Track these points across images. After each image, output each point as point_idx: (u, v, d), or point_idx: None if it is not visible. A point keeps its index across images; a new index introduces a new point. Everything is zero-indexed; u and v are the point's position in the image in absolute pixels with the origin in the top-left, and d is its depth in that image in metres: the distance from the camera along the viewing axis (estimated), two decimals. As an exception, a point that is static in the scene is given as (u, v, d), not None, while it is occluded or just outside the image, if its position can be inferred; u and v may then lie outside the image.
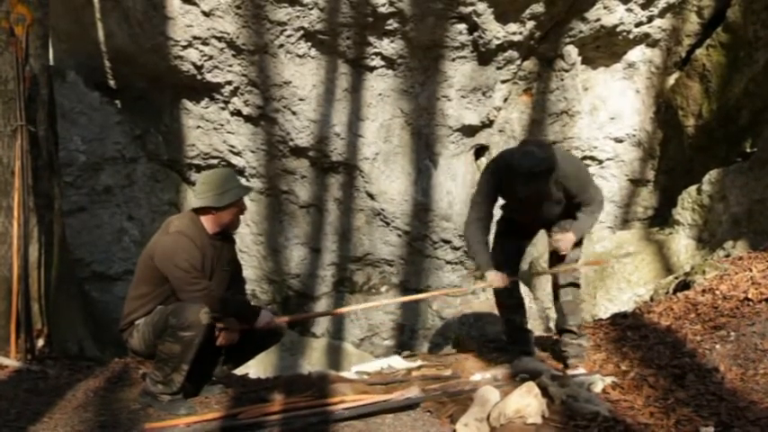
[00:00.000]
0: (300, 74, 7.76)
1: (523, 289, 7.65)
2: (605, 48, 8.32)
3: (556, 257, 5.10)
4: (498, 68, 8.00)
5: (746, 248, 6.73)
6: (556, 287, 5.13)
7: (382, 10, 7.40)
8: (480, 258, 4.94)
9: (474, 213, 4.96)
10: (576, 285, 5.14)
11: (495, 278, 4.89)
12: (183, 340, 4.17)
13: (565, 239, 4.88)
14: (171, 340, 4.18)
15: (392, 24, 7.56)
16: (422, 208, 8.29)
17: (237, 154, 8.28)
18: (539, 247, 7.92)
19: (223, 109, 8.07)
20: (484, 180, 4.98)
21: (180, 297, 4.27)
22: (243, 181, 4.65)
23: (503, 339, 5.70)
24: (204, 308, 4.18)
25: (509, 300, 5.31)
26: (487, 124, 8.28)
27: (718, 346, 4.73)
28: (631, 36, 8.20)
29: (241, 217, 4.58)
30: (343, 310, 8.17)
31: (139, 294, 4.38)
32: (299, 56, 7.70)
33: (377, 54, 7.78)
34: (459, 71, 7.90)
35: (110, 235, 8.16)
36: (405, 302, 8.53)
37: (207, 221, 4.41)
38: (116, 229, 8.19)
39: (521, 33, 7.77)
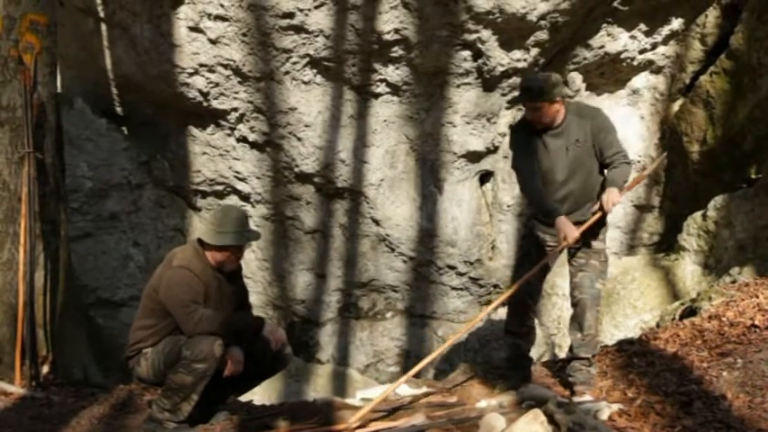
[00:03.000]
0: (306, 100, 7.81)
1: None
2: (609, 74, 8.36)
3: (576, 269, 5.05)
4: (503, 95, 8.04)
5: (753, 275, 6.70)
6: (578, 316, 5.05)
7: (387, 37, 7.46)
8: (548, 205, 4.85)
9: (524, 174, 4.98)
10: (599, 319, 5.09)
11: (567, 227, 4.73)
12: (196, 372, 4.16)
13: (611, 196, 4.80)
14: (183, 372, 4.16)
15: (397, 51, 7.61)
16: (427, 234, 8.29)
17: (243, 180, 8.31)
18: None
19: (229, 135, 8.11)
20: (513, 141, 5.14)
21: (182, 330, 4.25)
22: (253, 226, 4.62)
23: (506, 366, 5.67)
24: (218, 340, 4.18)
25: (520, 328, 5.28)
26: (492, 150, 8.30)
27: (725, 374, 4.70)
28: (635, 63, 8.23)
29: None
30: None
31: (146, 325, 4.37)
32: (305, 83, 7.74)
33: (382, 81, 7.83)
34: (463, 97, 7.94)
35: (115, 261, 8.17)
36: (411, 328, 8.54)
37: (207, 253, 4.41)
38: (122, 255, 8.21)
39: (525, 60, 7.81)
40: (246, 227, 4.47)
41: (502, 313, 7.89)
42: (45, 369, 5.35)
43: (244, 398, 5.34)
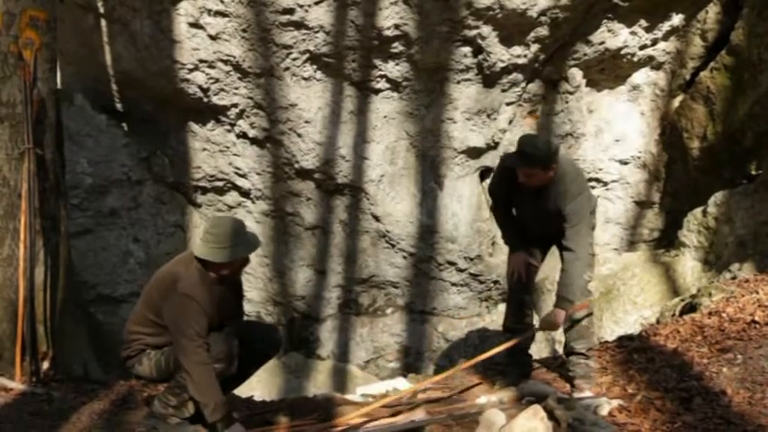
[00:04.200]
0: (306, 96, 7.80)
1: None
2: (610, 70, 8.35)
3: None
4: (503, 91, 8.03)
5: (753, 271, 6.70)
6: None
7: (388, 33, 7.45)
8: (508, 239, 5.37)
9: (495, 204, 5.38)
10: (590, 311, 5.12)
11: (514, 259, 5.26)
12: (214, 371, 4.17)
13: (556, 319, 4.89)
14: None
15: (397, 47, 7.60)
16: (427, 230, 8.29)
17: (243, 176, 8.31)
18: (544, 270, 7.88)
19: (229, 131, 8.11)
20: (497, 172, 5.27)
21: (178, 356, 4.23)
22: (251, 233, 4.45)
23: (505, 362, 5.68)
24: (235, 340, 4.19)
25: (517, 324, 5.30)
26: (492, 146, 8.30)
27: (725, 370, 4.71)
28: (636, 59, 8.23)
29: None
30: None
31: (149, 332, 4.35)
32: (305, 78, 7.74)
33: (382, 77, 7.82)
34: (464, 93, 7.93)
35: (115, 257, 8.17)
36: (411, 325, 8.56)
37: (209, 268, 4.33)
38: (122, 252, 8.21)
39: (525, 56, 7.80)
40: (246, 235, 4.37)
41: (501, 309, 7.91)
42: (45, 365, 5.35)
43: (244, 394, 5.34)
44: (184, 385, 4.19)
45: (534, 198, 4.88)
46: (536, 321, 6.00)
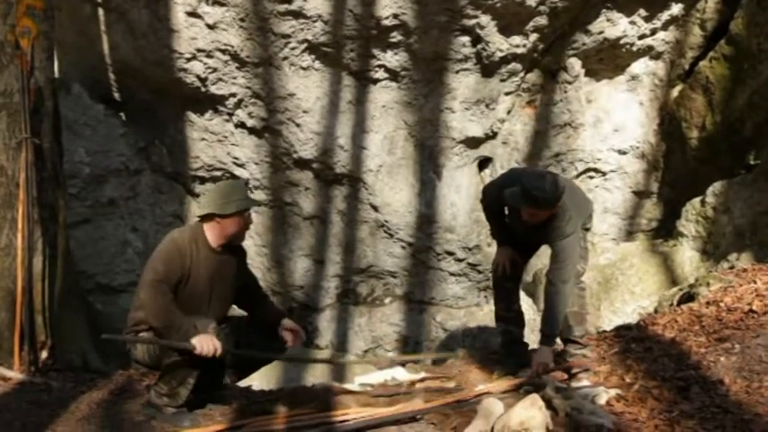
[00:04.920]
0: (304, 86, 7.79)
1: (526, 300, 7.68)
2: (609, 60, 8.33)
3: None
4: (502, 80, 8.01)
5: (751, 260, 6.71)
6: None
7: (386, 22, 7.43)
8: (495, 236, 5.58)
9: (486, 200, 5.34)
10: (582, 296, 5.15)
11: (499, 253, 5.39)
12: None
13: (542, 357, 4.90)
14: (178, 356, 4.16)
15: (396, 37, 7.58)
16: (425, 220, 8.29)
17: (241, 166, 8.30)
18: (542, 258, 7.89)
19: (227, 121, 8.09)
20: (492, 196, 5.20)
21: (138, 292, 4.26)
22: (252, 195, 4.63)
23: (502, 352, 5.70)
24: (212, 323, 4.18)
25: (507, 312, 5.34)
26: (491, 136, 8.29)
27: (722, 359, 4.72)
28: (635, 48, 8.21)
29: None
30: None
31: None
32: (303, 68, 7.72)
33: (381, 66, 7.80)
34: (462, 83, 7.92)
35: (114, 247, 8.17)
36: (409, 314, 8.57)
37: (211, 231, 4.36)
38: (120, 241, 8.21)
39: (524, 46, 7.78)
40: (248, 192, 4.54)
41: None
42: (44, 354, 5.36)
43: (242, 383, 5.34)
44: (174, 371, 4.20)
45: (534, 229, 4.92)
46: (526, 309, 6.05)
